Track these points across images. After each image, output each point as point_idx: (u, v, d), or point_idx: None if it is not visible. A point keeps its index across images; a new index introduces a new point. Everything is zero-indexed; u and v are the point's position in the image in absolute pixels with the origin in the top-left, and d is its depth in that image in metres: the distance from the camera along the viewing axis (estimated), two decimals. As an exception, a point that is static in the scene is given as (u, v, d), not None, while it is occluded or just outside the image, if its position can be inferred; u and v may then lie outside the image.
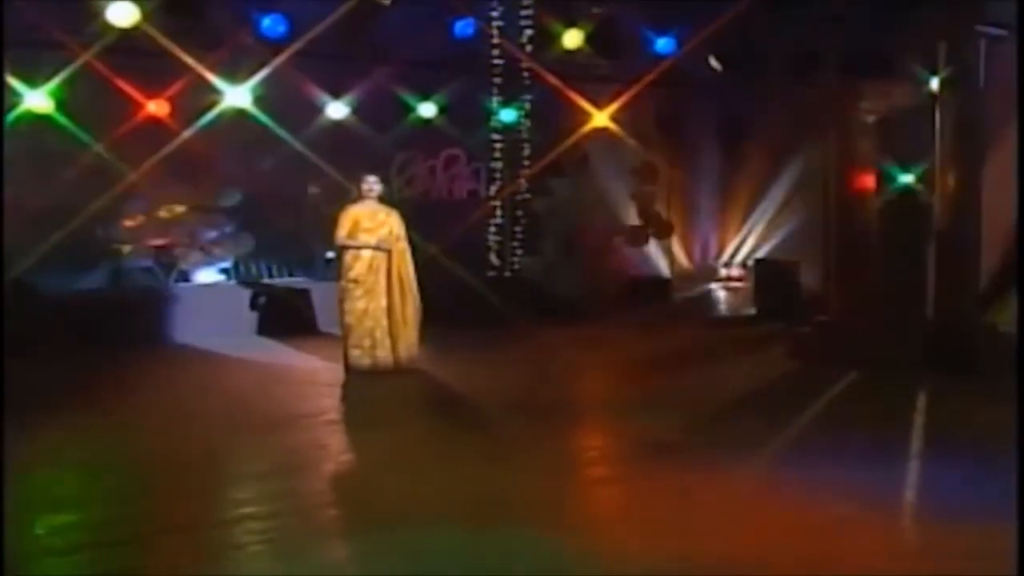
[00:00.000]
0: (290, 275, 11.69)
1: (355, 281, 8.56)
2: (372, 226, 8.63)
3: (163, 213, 10.94)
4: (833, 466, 5.81)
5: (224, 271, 11.37)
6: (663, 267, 14.08)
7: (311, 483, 5.66)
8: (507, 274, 12.67)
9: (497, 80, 12.53)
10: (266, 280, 11.46)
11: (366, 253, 8.59)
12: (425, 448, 6.37)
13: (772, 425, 6.75)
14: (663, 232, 13.79)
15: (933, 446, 6.38)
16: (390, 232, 8.69)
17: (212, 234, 11.12)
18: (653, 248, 14.00)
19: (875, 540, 4.64)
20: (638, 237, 13.71)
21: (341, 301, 8.67)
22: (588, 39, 11.92)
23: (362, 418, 7.40)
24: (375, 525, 4.86)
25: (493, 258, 12.68)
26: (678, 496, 5.39)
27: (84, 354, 9.01)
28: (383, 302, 8.60)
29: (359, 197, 8.74)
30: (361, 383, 8.36)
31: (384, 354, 8.59)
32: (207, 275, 11.23)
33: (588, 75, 12.62)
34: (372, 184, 8.70)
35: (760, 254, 13.74)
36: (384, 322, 8.58)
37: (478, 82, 12.36)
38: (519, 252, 12.74)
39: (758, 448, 6.24)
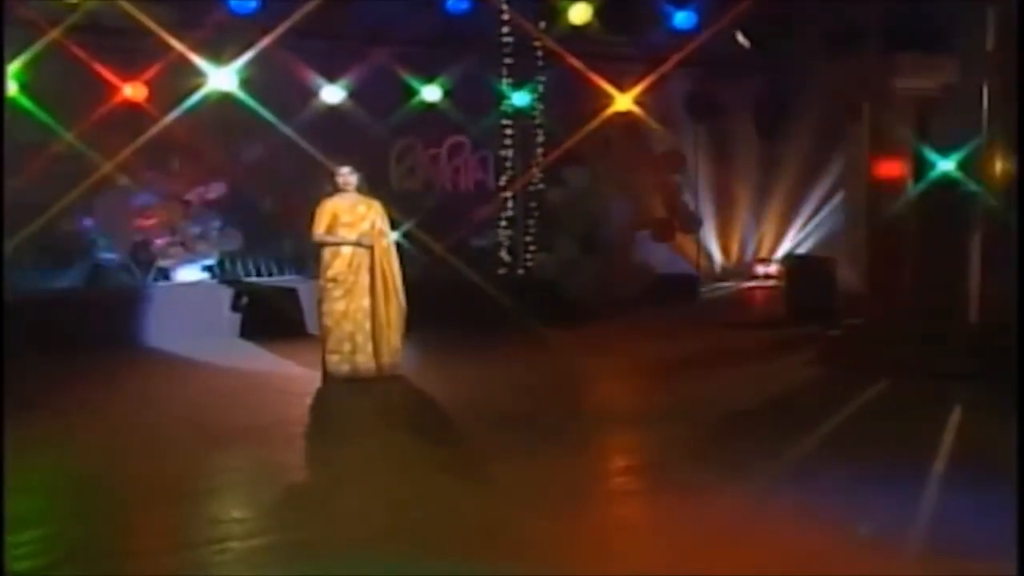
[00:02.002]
0: (280, 273, 11.48)
1: (334, 280, 8.32)
2: (352, 220, 8.39)
3: (141, 206, 10.80)
4: (840, 489, 5.53)
5: (208, 269, 11.22)
6: (690, 264, 13.77)
7: (250, 506, 5.45)
8: (519, 272, 12.42)
9: (508, 60, 12.23)
10: (252, 279, 11.29)
11: (346, 250, 8.34)
12: (384, 464, 6.17)
13: (782, 440, 6.50)
14: (691, 226, 13.52)
15: (961, 470, 5.93)
16: (372, 226, 8.43)
17: (195, 229, 10.97)
18: (680, 243, 13.75)
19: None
20: (663, 231, 13.43)
21: (320, 302, 8.45)
22: (598, 14, 11.53)
23: (327, 430, 7.18)
24: (305, 552, 4.69)
25: (503, 255, 12.42)
26: (652, 524, 5.13)
27: (47, 359, 8.90)
28: (365, 303, 8.35)
29: (335, 190, 8.47)
30: (337, 391, 8.16)
31: (365, 360, 8.35)
32: (189, 273, 11.08)
33: (608, 54, 12.33)
34: (346, 175, 8.44)
35: (800, 250, 13.33)
36: (366, 325, 8.35)
37: (487, 62, 12.07)
38: (532, 248, 12.48)
39: (761, 467, 5.97)
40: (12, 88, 9.67)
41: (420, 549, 4.69)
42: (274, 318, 10.46)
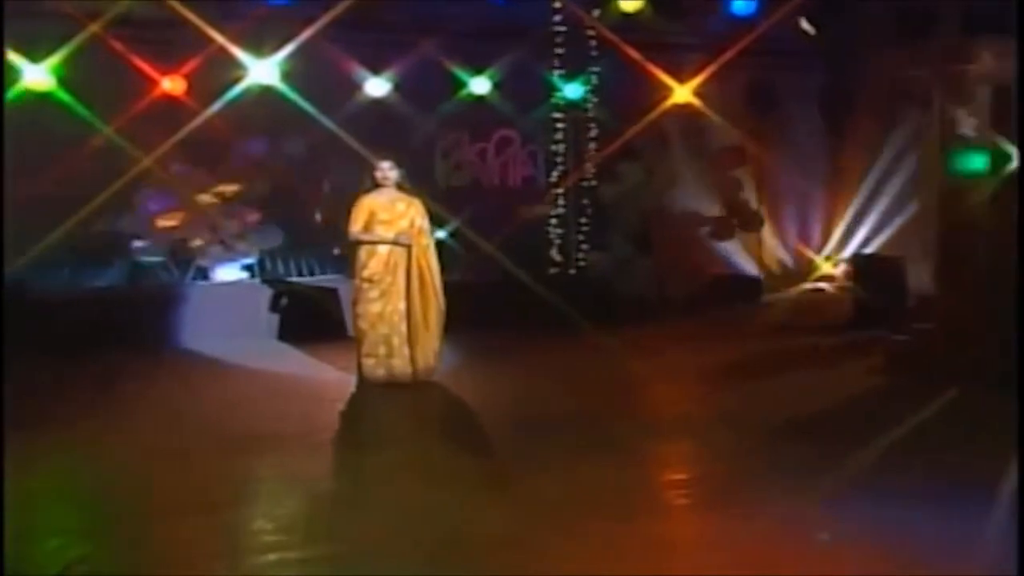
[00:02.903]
0: (322, 273, 11.41)
1: (369, 280, 8.18)
2: (390, 218, 8.24)
3: (179, 203, 10.81)
4: (902, 507, 5.22)
5: (247, 268, 11.18)
6: (751, 264, 13.50)
7: (271, 518, 5.31)
8: (570, 272, 12.27)
9: (559, 50, 12.07)
10: (293, 278, 11.23)
11: (383, 249, 8.19)
12: (412, 475, 5.99)
13: (841, 453, 6.19)
14: (752, 224, 13.23)
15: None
16: (411, 224, 8.27)
17: (234, 227, 10.92)
18: (740, 242, 13.47)
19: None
20: (722, 230, 13.16)
21: (355, 303, 8.32)
22: (651, 1, 11.30)
23: (356, 438, 7.06)
24: (327, 567, 4.61)
25: (554, 253, 12.26)
26: (695, 542, 4.93)
27: (78, 359, 8.88)
28: (401, 305, 8.20)
29: (374, 186, 8.33)
30: (370, 397, 8.03)
31: (401, 364, 8.19)
32: (228, 272, 11.05)
33: (665, 43, 12.14)
34: (387, 170, 8.28)
35: (868, 249, 12.97)
36: (402, 328, 8.19)
37: (537, 53, 11.90)
38: (584, 247, 12.32)
39: (817, 482, 5.67)
40: (50, 82, 9.72)
41: (446, 567, 4.54)
42: (313, 319, 10.38)
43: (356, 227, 8.22)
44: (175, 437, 6.82)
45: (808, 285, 13.31)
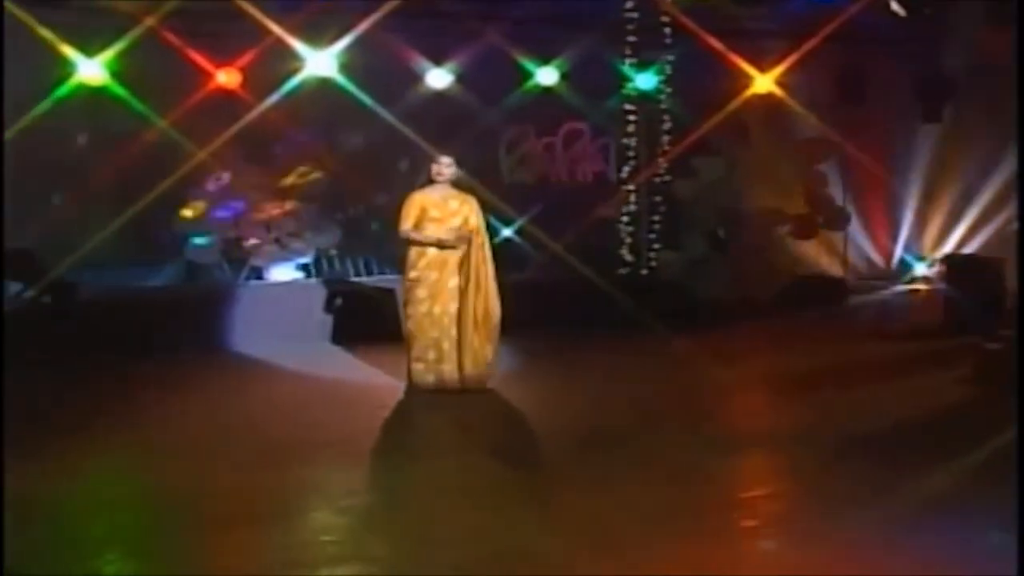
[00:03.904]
0: (380, 272, 11.31)
1: (418, 280, 8.02)
2: (441, 216, 8.07)
3: (233, 200, 10.81)
4: (974, 535, 4.91)
5: (304, 267, 11.12)
6: (836, 265, 13.25)
7: (281, 535, 5.11)
8: (641, 272, 12.09)
9: (631, 38, 11.84)
10: (350, 278, 11.15)
11: (433, 248, 8.04)
12: (452, 491, 5.79)
13: (922, 473, 5.92)
14: (837, 221, 12.95)
15: None
16: (464, 222, 8.10)
17: (290, 224, 10.88)
18: (824, 241, 13.21)
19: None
20: (805, 228, 12.85)
21: (404, 304, 8.17)
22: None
23: (398, 449, 6.84)
24: None
25: (625, 253, 12.08)
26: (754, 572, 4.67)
27: (123, 361, 8.90)
28: (452, 307, 8.01)
29: (428, 181, 8.19)
30: (417, 404, 7.86)
31: (451, 369, 8.00)
32: (283, 272, 10.99)
33: (745, 30, 11.97)
34: (443, 166, 8.11)
35: (966, 249, 12.53)
36: (452, 331, 8.00)
37: (608, 41, 11.72)
38: (656, 247, 12.12)
39: (895, 504, 5.40)
40: (104, 76, 9.79)
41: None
42: (369, 321, 10.23)
43: (406, 225, 8.06)
44: (211, 444, 6.75)
45: (898, 287, 13.17)
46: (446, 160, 8.16)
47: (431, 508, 5.50)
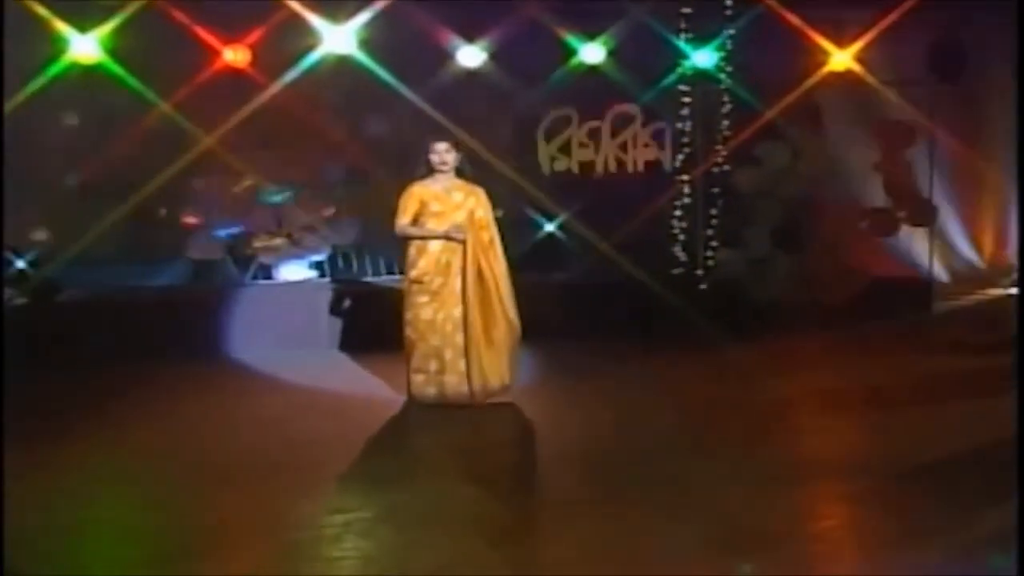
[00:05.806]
0: (402, 272, 10.86)
1: (418, 282, 7.61)
2: (442, 210, 7.65)
3: (240, 191, 10.65)
4: None
5: (317, 266, 10.86)
6: (921, 266, 12.57)
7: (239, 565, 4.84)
8: (697, 272, 11.57)
9: (686, 10, 11.28)
10: (366, 278, 10.87)
11: (434, 246, 7.60)
12: (431, 524, 5.37)
13: (984, 503, 5.60)
14: (923, 217, 12.20)
15: None
16: (469, 216, 7.64)
17: (303, 219, 10.66)
18: (908, 239, 12.57)
19: None
20: (885, 224, 12.20)
21: (404, 309, 7.72)
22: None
23: (381, 472, 6.32)
24: None
25: (678, 251, 11.57)
26: None
27: (113, 368, 8.75)
28: (456, 312, 7.57)
29: (429, 172, 7.77)
30: (414, 421, 7.44)
31: (455, 381, 7.53)
32: (294, 271, 10.72)
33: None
34: (443, 153, 7.67)
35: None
36: (456, 338, 7.54)
37: (661, 14, 11.17)
38: (714, 244, 11.60)
39: (946, 537, 5.15)
40: (99, 54, 9.61)
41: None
42: (380, 326, 9.74)
43: (403, 220, 7.69)
44: (178, 464, 6.50)
45: (992, 290, 12.63)
46: (442, 146, 7.75)
47: (403, 540, 5.14)
